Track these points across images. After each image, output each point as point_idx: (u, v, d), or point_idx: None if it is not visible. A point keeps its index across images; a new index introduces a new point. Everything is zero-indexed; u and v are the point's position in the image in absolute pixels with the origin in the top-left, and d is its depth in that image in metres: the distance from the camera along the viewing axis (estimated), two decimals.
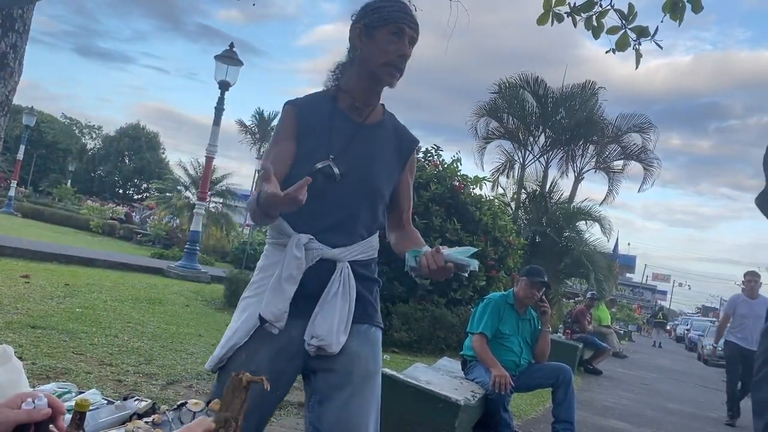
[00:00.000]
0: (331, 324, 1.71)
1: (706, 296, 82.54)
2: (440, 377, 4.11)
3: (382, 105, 1.90)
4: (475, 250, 1.68)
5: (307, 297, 1.72)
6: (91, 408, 1.65)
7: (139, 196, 48.70)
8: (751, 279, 7.71)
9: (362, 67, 1.78)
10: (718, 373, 17.59)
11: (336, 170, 1.73)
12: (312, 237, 1.73)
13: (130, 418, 1.72)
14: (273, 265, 1.77)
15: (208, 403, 2.39)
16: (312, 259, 1.72)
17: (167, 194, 21.18)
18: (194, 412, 1.88)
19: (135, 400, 1.81)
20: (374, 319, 1.85)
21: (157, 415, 1.64)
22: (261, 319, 1.70)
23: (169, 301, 8.07)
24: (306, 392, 1.82)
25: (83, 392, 1.92)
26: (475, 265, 1.62)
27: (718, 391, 12.01)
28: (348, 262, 1.76)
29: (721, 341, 8.44)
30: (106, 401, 1.82)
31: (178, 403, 1.70)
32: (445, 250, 1.59)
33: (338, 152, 1.75)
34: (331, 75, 1.88)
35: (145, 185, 49.79)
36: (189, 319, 6.89)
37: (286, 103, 1.84)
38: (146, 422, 1.58)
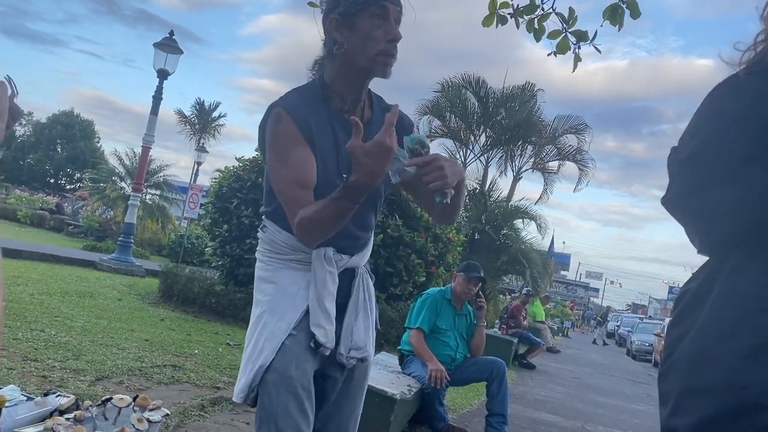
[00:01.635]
0: (368, 333, 1.72)
1: (636, 294, 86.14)
2: (377, 372, 4.12)
3: (369, 90, 1.71)
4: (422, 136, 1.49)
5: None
6: (7, 404, 1.58)
7: (72, 186, 46.82)
8: None
9: (349, 63, 1.58)
10: (645, 368, 18.36)
11: None
12: (333, 249, 1.64)
13: (51, 415, 1.65)
14: (284, 277, 1.65)
15: (135, 399, 2.34)
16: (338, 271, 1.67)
17: (101, 185, 20.46)
18: (120, 408, 1.83)
19: (57, 396, 1.74)
20: (377, 322, 1.86)
21: (79, 412, 1.59)
22: (316, 344, 1.60)
23: (100, 294, 7.80)
24: None
25: (1, 388, 1.83)
26: (424, 138, 1.45)
27: (644, 385, 12.53)
28: (363, 267, 1.76)
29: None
30: (25, 397, 1.75)
31: (103, 398, 1.65)
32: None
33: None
34: (312, 74, 1.72)
35: (78, 175, 47.92)
36: (121, 313, 6.68)
37: (276, 107, 1.59)
38: (67, 419, 1.53)
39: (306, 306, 1.62)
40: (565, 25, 3.49)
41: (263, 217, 1.75)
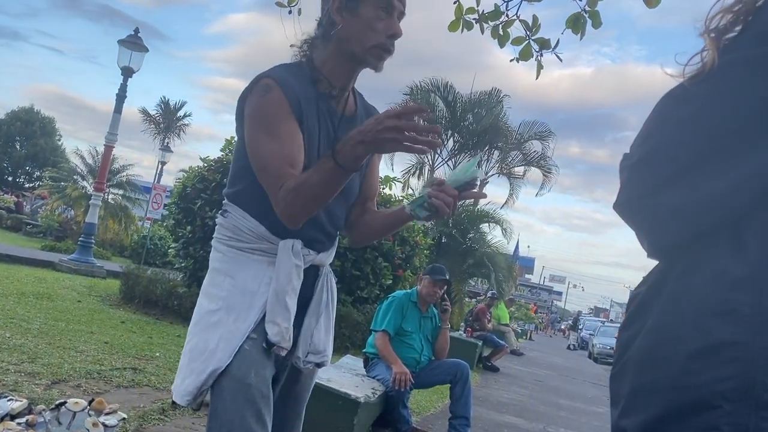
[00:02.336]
0: (328, 336, 1.62)
1: (598, 297, 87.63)
2: (341, 375, 4.11)
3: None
4: (476, 160, 1.52)
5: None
6: None
7: (31, 185, 45.60)
8: None
9: (343, 47, 1.53)
10: (606, 371, 18.67)
11: None
12: (302, 242, 1.54)
13: (1, 420, 1.60)
14: (243, 270, 1.54)
15: (90, 402, 2.28)
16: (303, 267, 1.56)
17: (62, 184, 19.98)
18: (74, 412, 1.79)
19: (8, 401, 1.68)
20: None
21: (32, 416, 1.54)
22: (268, 343, 1.49)
23: (59, 296, 7.61)
24: None
25: None
26: (480, 173, 1.47)
27: (605, 387, 12.73)
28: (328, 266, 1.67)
29: None
30: None
31: (57, 402, 1.60)
32: (447, 178, 1.45)
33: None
34: (299, 51, 1.61)
35: (37, 173, 46.69)
36: (80, 315, 6.52)
37: (264, 77, 1.49)
38: (19, 423, 1.48)
39: None
40: (528, 33, 3.54)
41: (225, 200, 1.62)
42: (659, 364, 0.86)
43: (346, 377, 4.09)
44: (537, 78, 3.61)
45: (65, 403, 1.58)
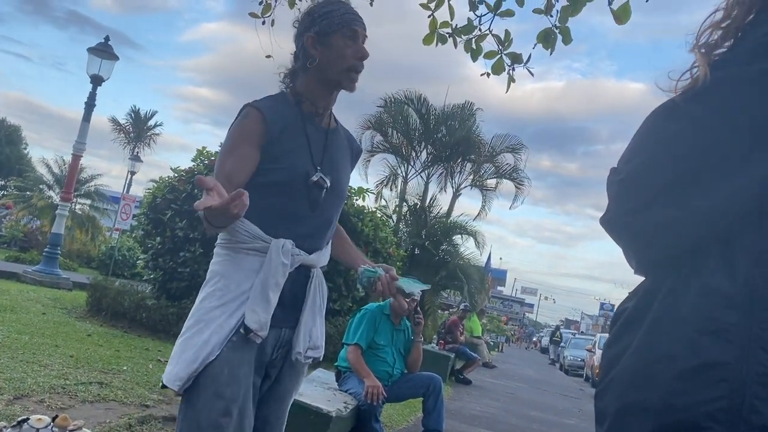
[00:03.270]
0: (322, 333, 1.79)
1: (569, 310, 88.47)
2: (313, 389, 4.06)
3: (330, 112, 1.92)
4: (426, 286, 1.81)
5: (283, 305, 1.70)
6: None
7: None
8: None
9: (321, 75, 1.78)
10: (577, 383, 18.84)
11: (327, 182, 1.76)
12: (293, 242, 1.70)
13: None
14: (237, 271, 1.68)
15: (54, 419, 2.21)
16: (292, 266, 1.70)
17: (27, 193, 19.60)
18: (37, 429, 1.73)
19: None
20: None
21: None
22: (245, 329, 1.62)
23: (23, 308, 7.41)
24: None
25: None
26: (418, 294, 1.80)
27: (575, 399, 12.85)
28: (319, 268, 1.80)
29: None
30: None
31: (19, 419, 1.55)
32: (399, 281, 1.73)
33: (319, 162, 1.77)
34: (282, 83, 1.86)
35: (2, 182, 45.68)
36: (45, 328, 6.36)
37: (249, 107, 1.74)
38: None
39: None
40: (500, 47, 3.58)
41: None
42: (647, 383, 0.85)
43: (318, 391, 4.04)
44: (507, 91, 3.64)
45: (28, 419, 1.52)
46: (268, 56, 3.79)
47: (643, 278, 0.97)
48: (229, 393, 1.59)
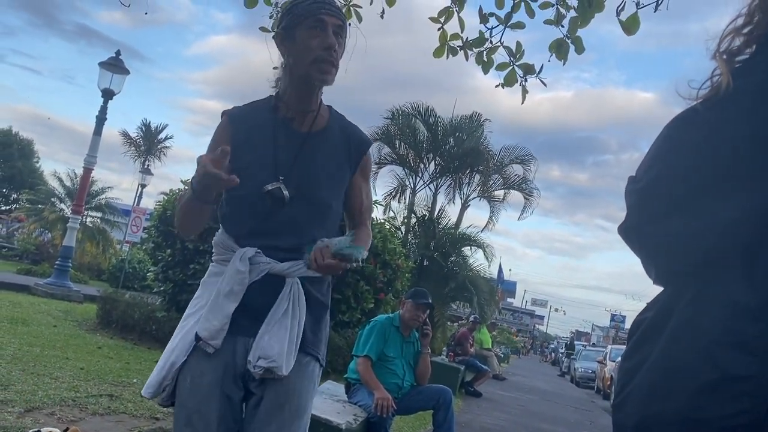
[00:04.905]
0: (282, 345, 1.61)
1: (580, 321, 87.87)
2: (323, 401, 4.05)
3: (328, 107, 1.81)
4: (350, 238, 1.58)
5: (252, 315, 1.63)
6: None
7: (8, 208, 44.91)
8: None
9: (293, 73, 1.68)
10: (588, 395, 18.66)
11: (286, 193, 1.63)
12: (259, 251, 1.64)
13: None
14: (214, 281, 1.69)
15: (64, 431, 2.22)
16: (258, 274, 1.63)
17: (39, 206, 19.74)
18: None
19: None
20: (317, 352, 1.76)
21: None
22: (196, 336, 1.61)
23: (34, 321, 7.45)
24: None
25: None
26: (359, 253, 1.53)
27: (587, 412, 12.72)
28: (299, 278, 1.67)
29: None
30: None
31: (30, 431, 1.55)
32: (330, 242, 1.53)
33: (285, 171, 1.66)
34: (272, 89, 1.80)
35: (14, 196, 46.07)
36: (56, 340, 6.38)
37: (222, 113, 1.77)
38: None
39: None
40: (512, 59, 3.58)
41: None
42: (668, 396, 0.83)
43: (328, 403, 4.03)
44: (522, 103, 3.65)
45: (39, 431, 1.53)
46: (276, 68, 3.82)
47: (661, 289, 0.95)
48: (191, 403, 1.59)
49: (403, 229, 15.86)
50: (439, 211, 16.50)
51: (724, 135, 0.85)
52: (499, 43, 3.61)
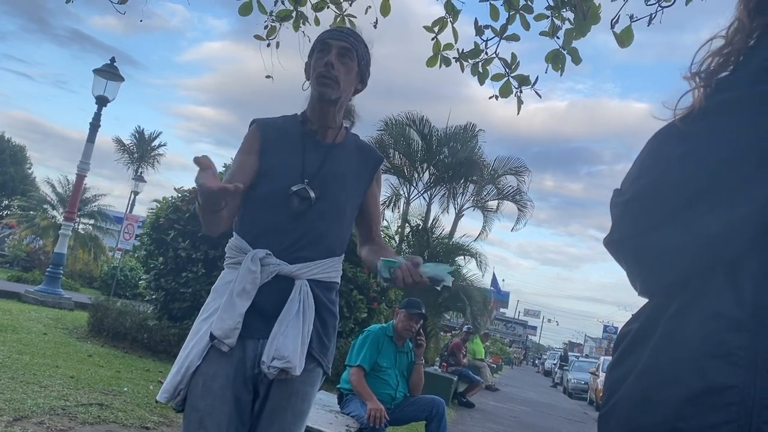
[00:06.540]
0: (295, 344, 1.66)
1: (573, 332, 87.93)
2: (315, 411, 4.02)
3: (346, 128, 1.96)
4: (452, 268, 1.68)
5: (262, 316, 1.68)
6: None
7: None
8: None
9: (310, 92, 1.86)
10: (581, 406, 18.64)
11: (312, 194, 1.76)
12: (269, 252, 1.71)
13: None
14: (226, 285, 1.74)
15: None
16: (268, 275, 1.69)
17: (31, 213, 19.65)
18: None
19: None
20: (323, 358, 1.79)
21: None
22: (211, 336, 1.65)
23: (24, 328, 7.39)
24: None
25: None
26: (449, 280, 1.60)
27: (580, 423, 12.70)
28: (308, 281, 1.73)
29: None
30: None
31: None
32: (423, 266, 1.59)
33: (311, 175, 1.80)
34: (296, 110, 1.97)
35: (6, 202, 45.82)
36: (45, 348, 6.33)
37: (252, 121, 1.91)
38: None
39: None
40: (507, 70, 3.59)
41: None
42: (653, 407, 0.84)
43: (320, 413, 4.00)
44: (518, 113, 3.65)
45: None
46: (268, 77, 3.82)
47: (647, 300, 0.96)
48: (202, 405, 1.63)
49: (397, 238, 15.85)
50: (433, 221, 16.50)
51: (707, 149, 0.86)
52: (494, 55, 3.62)
